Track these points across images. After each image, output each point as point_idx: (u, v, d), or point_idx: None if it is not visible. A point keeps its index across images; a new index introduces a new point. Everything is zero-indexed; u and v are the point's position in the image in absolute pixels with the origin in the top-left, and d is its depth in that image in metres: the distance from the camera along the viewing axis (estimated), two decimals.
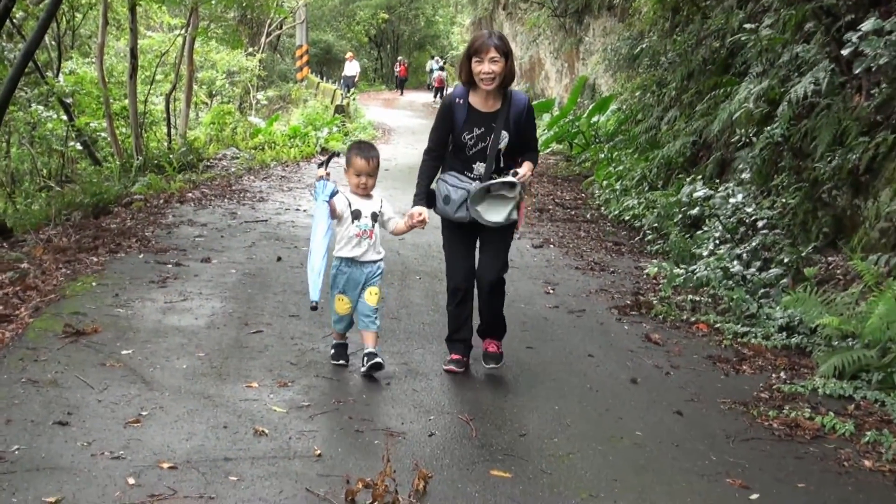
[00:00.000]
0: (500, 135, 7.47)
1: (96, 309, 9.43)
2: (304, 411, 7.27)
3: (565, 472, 6.49)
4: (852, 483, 6.69)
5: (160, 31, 30.30)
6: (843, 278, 10.49)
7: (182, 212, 15.02)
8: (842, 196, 11.52)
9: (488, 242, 7.83)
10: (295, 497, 5.87)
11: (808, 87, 11.90)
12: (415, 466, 6.21)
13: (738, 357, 9.38)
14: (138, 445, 6.41)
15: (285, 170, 21.10)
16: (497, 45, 7.18)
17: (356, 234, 7.62)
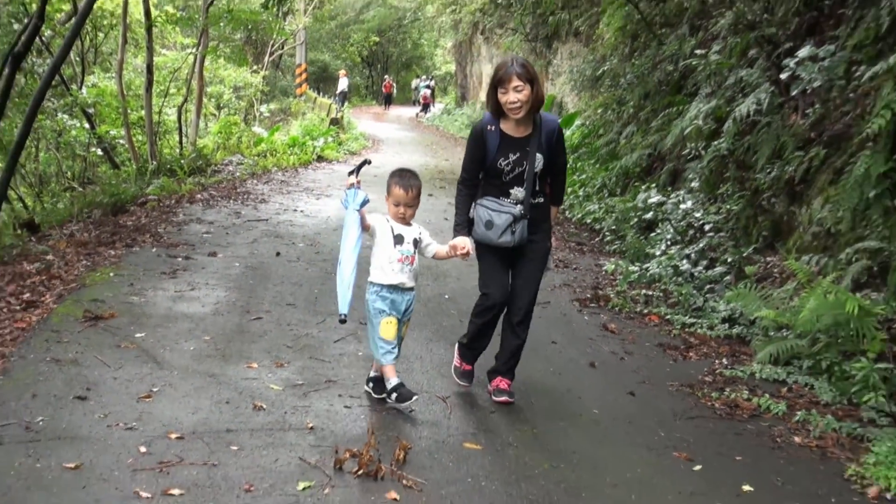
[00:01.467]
0: (536, 158, 6.81)
1: (113, 296, 9.46)
2: (299, 389, 7.30)
3: (530, 445, 6.54)
4: (784, 456, 6.76)
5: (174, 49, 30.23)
6: (779, 276, 10.53)
7: (191, 211, 15.02)
8: (779, 203, 11.56)
9: (524, 268, 7.11)
10: (289, 465, 5.91)
11: (750, 106, 11.95)
12: (396, 439, 6.25)
13: (685, 345, 9.43)
14: (149, 418, 6.46)
15: (285, 175, 21.10)
16: (520, 73, 6.55)
17: (398, 260, 6.82)
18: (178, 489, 5.44)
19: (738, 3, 13.97)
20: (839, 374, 8.11)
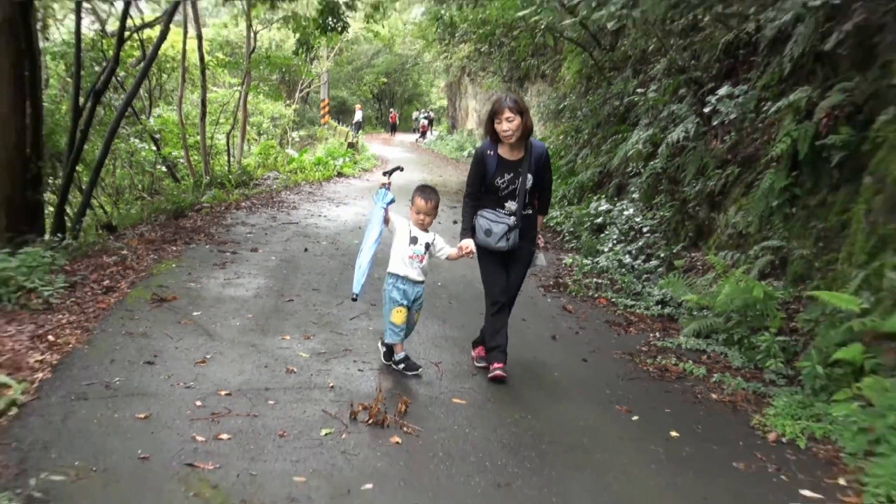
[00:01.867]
0: (527, 177, 6.78)
1: (175, 283, 9.47)
2: (322, 356, 7.33)
3: (505, 400, 6.58)
4: (703, 409, 6.80)
5: (223, 87, 30.23)
6: (702, 268, 10.58)
7: (237, 216, 15.02)
8: (702, 211, 11.61)
9: (514, 270, 7.05)
10: (314, 415, 5.95)
11: (680, 134, 12.00)
12: (399, 395, 6.30)
13: (626, 322, 9.46)
14: (204, 379, 6.50)
15: (311, 187, 21.08)
16: (511, 107, 6.53)
17: (409, 256, 6.80)
18: (226, 434, 5.48)
19: (670, 51, 14.00)
20: (747, 345, 8.16)
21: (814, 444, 6.15)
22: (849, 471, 5.72)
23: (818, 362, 7.00)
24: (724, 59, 12.76)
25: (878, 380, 6.36)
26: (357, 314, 8.77)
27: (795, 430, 6.29)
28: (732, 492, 5.35)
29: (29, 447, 5.08)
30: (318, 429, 5.72)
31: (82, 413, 5.65)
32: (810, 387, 6.98)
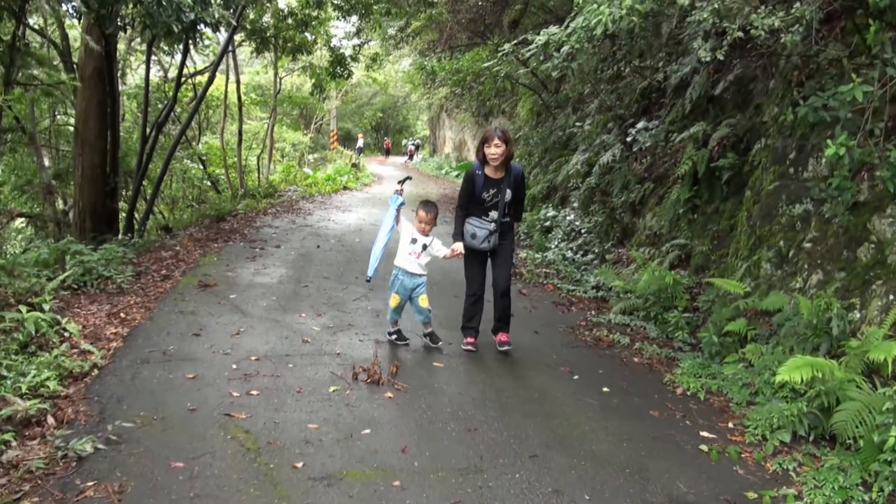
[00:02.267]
0: (506, 193, 6.70)
1: (216, 272, 9.43)
2: (330, 330, 7.32)
3: (473, 365, 6.58)
4: (627, 370, 6.84)
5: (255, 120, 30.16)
6: (626, 261, 10.61)
7: (265, 220, 14.97)
8: (626, 216, 11.65)
9: (498, 262, 6.90)
10: (325, 376, 5.96)
11: (609, 157, 12.03)
12: (391, 360, 6.32)
13: (569, 303, 9.46)
14: (238, 347, 6.50)
15: (323, 198, 21.00)
16: (499, 136, 6.52)
17: (409, 253, 6.79)
18: (255, 391, 5.51)
19: (601, 94, 14.04)
20: (661, 320, 8.20)
21: (710, 396, 6.20)
22: (736, 416, 5.77)
23: (714, 333, 7.06)
24: (640, 101, 12.82)
25: (757, 346, 6.43)
26: (359, 297, 8.75)
27: (697, 386, 6.34)
28: (649, 433, 5.39)
29: (107, 400, 5.15)
30: (327, 386, 5.73)
31: (146, 374, 5.70)
32: (708, 352, 7.04)
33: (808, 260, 6.71)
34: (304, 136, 37.06)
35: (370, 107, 56.94)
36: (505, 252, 6.92)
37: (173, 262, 9.96)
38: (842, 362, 5.36)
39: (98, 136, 12.01)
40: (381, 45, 24.78)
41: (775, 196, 7.46)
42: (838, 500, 4.42)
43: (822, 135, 6.62)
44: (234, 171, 22.37)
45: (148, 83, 15.09)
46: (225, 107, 22.37)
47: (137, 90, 19.27)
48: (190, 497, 3.96)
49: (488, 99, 25.50)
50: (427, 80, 22.18)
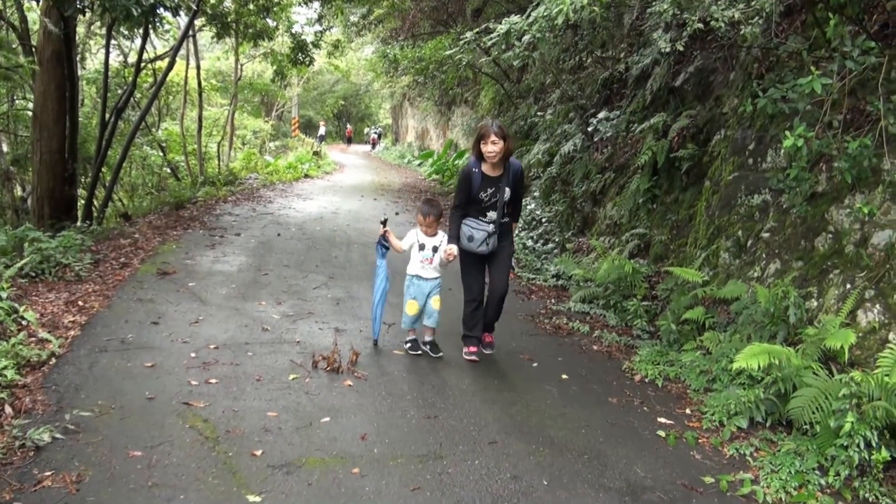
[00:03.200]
0: (505, 191, 6.22)
1: (175, 260, 9.31)
2: (290, 318, 7.26)
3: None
4: (587, 358, 6.86)
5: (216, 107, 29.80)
6: (586, 250, 10.65)
7: (225, 208, 14.81)
8: (587, 206, 11.69)
9: (497, 265, 6.45)
10: (284, 364, 5.92)
11: (570, 147, 12.06)
12: (351, 348, 6.25)
13: (529, 291, 9.47)
14: (197, 335, 6.44)
15: (284, 186, 20.83)
16: (496, 132, 6.02)
17: (420, 260, 6.36)
18: (214, 379, 5.46)
19: (563, 84, 14.05)
20: (620, 308, 8.24)
21: (668, 383, 6.24)
22: (693, 403, 5.82)
23: (672, 321, 7.10)
24: (602, 91, 12.85)
25: (715, 334, 6.48)
26: (319, 285, 8.68)
27: (655, 373, 6.38)
28: (607, 419, 5.41)
29: (65, 389, 5.10)
30: (286, 375, 5.69)
31: (104, 362, 5.63)
32: (666, 340, 7.08)
33: (766, 249, 6.78)
34: (266, 123, 36.69)
35: (332, 94, 56.57)
36: (504, 255, 6.50)
37: (132, 249, 9.81)
38: (798, 350, 5.43)
39: (57, 121, 11.82)
40: (344, 32, 24.54)
41: (734, 186, 7.52)
42: (795, 485, 4.47)
43: (781, 126, 6.68)
44: (194, 158, 22.14)
45: (107, 68, 14.84)
46: (185, 93, 22.11)
47: (97, 75, 18.99)
48: (148, 486, 3.91)
49: (451, 88, 25.44)
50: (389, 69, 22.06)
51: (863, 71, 5.56)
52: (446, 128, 31.18)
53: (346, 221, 14.07)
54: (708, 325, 6.83)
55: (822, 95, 5.48)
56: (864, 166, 5.49)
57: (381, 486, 4.10)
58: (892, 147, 5.46)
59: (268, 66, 25.46)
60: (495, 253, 6.43)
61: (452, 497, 4.07)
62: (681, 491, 4.41)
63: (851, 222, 5.90)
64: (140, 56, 15.13)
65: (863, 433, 4.42)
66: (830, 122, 5.75)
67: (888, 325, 5.28)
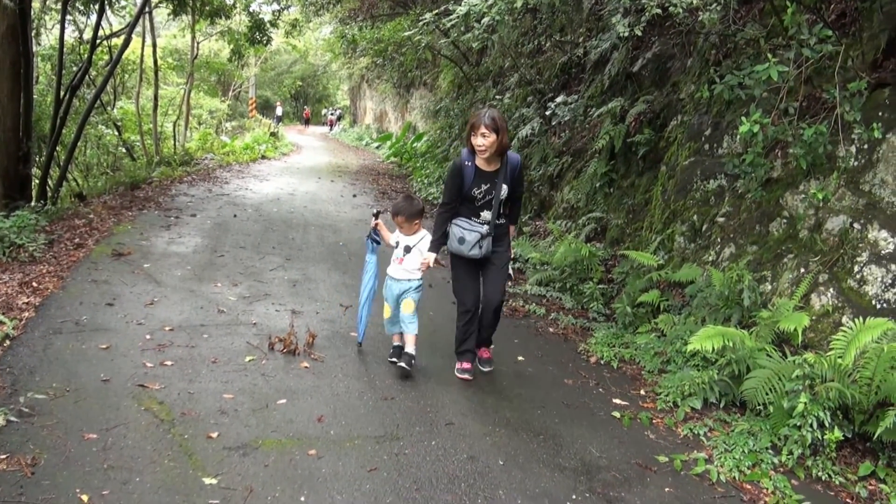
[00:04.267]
0: (502, 188, 5.47)
1: (130, 241, 9.16)
2: (247, 300, 7.18)
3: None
4: (543, 340, 6.89)
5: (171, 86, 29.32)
6: (543, 233, 10.68)
7: (180, 188, 14.60)
8: (544, 189, 11.72)
9: (491, 273, 5.73)
10: (240, 346, 5.87)
11: (528, 131, 12.06)
12: (307, 330, 6.20)
13: None
14: (152, 317, 6.35)
15: (240, 167, 20.59)
16: (487, 124, 5.26)
17: (393, 259, 5.71)
18: (170, 361, 5.39)
19: (521, 68, 14.05)
20: (576, 291, 8.27)
21: (623, 365, 6.29)
22: (648, 384, 5.88)
23: (627, 304, 7.15)
24: (560, 76, 12.88)
25: (669, 316, 6.55)
26: (275, 267, 8.60)
27: (610, 355, 6.43)
28: (563, 400, 5.45)
29: (19, 372, 5.02)
30: (243, 357, 5.64)
31: (59, 344, 5.55)
32: (622, 322, 7.13)
33: (721, 234, 6.85)
34: (222, 103, 36.17)
35: (290, 75, 56.01)
36: (500, 261, 5.76)
37: (87, 230, 9.62)
38: (752, 332, 5.50)
39: (11, 98, 11.51)
40: (302, 11, 24.25)
41: (690, 171, 7.58)
42: (748, 464, 4.54)
43: (738, 112, 6.75)
44: (150, 138, 21.78)
45: (63, 44, 14.46)
46: (141, 71, 21.68)
47: (52, 51, 18.53)
48: (104, 468, 3.85)
49: (410, 70, 25.33)
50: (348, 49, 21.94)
51: (819, 59, 5.63)
52: (405, 110, 31.07)
53: (303, 203, 13.95)
54: (663, 307, 6.89)
55: (779, 82, 5.53)
56: (819, 153, 5.56)
57: (338, 468, 4.08)
58: (847, 134, 5.54)
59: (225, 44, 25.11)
60: (490, 259, 5.71)
61: (409, 477, 4.07)
62: (635, 470, 4.45)
63: (806, 208, 5.98)
64: (95, 32, 14.77)
65: (816, 413, 4.51)
66: (786, 109, 5.81)
67: (841, 308, 5.38)
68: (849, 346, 4.73)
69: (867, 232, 5.45)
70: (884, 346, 4.62)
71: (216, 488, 3.77)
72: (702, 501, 4.16)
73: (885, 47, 5.94)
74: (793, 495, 4.22)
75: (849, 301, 5.36)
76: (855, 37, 6.11)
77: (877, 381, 4.62)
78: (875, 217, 5.45)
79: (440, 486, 4.01)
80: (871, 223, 5.46)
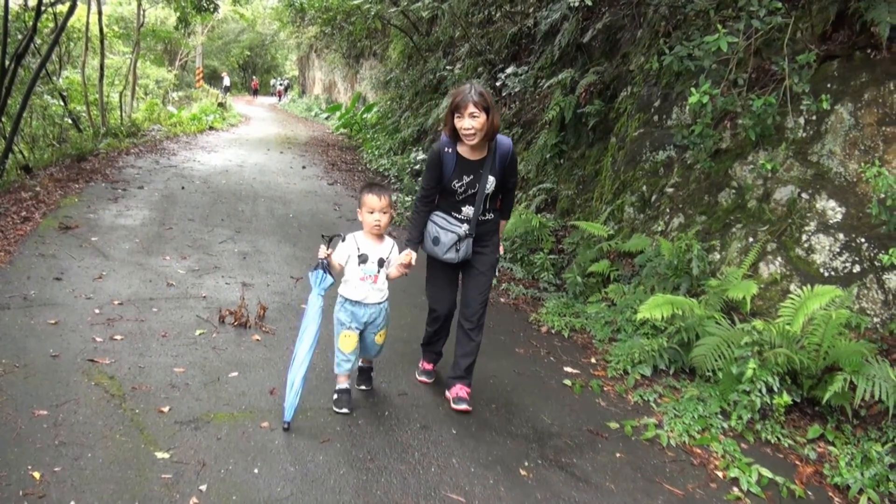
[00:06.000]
0: (488, 181, 4.53)
1: (78, 214, 8.96)
2: (196, 273, 7.08)
3: None
4: (494, 310, 6.88)
5: (118, 55, 28.64)
6: None
7: (127, 160, 14.31)
8: None
9: (471, 279, 4.77)
10: (190, 320, 5.79)
11: None
12: (258, 302, 6.13)
13: None
14: (101, 291, 6.23)
15: (188, 138, 20.24)
16: (476, 101, 4.31)
17: (360, 278, 4.42)
18: (119, 335, 5.30)
19: (472, 38, 13.98)
20: (527, 262, 8.31)
21: (574, 334, 6.35)
22: (598, 352, 5.94)
23: (578, 274, 7.20)
24: (511, 46, 12.84)
25: (619, 286, 6.61)
26: (224, 239, 8.49)
27: (561, 324, 6.48)
28: (514, 369, 5.49)
29: None
30: (193, 330, 5.56)
31: (6, 320, 5.42)
32: (572, 292, 7.19)
33: (670, 204, 6.92)
34: (169, 72, 35.42)
35: (237, 44, 55.06)
36: (484, 265, 4.79)
37: (33, 203, 9.38)
38: (701, 300, 5.58)
39: None
40: None
41: (639, 142, 7.63)
42: (698, 428, 4.63)
43: (687, 84, 6.79)
44: (96, 109, 21.28)
45: (7, 11, 14.01)
46: (86, 39, 21.13)
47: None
48: (55, 445, 3.78)
49: (359, 40, 25.09)
50: (296, 18, 21.66)
51: (769, 31, 5.69)
52: (354, 80, 30.77)
53: (252, 175, 13.76)
54: (613, 277, 6.96)
55: (728, 54, 5.58)
56: (767, 124, 5.64)
57: (291, 439, 4.06)
58: (796, 106, 5.62)
59: (171, 12, 24.60)
60: (471, 260, 4.77)
61: (363, 447, 4.07)
62: (586, 436, 4.51)
63: (754, 178, 6.06)
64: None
65: (764, 379, 4.60)
66: (736, 81, 5.86)
67: (789, 276, 5.48)
68: (797, 313, 4.83)
69: (815, 202, 5.55)
70: (832, 312, 4.73)
71: (168, 462, 3.72)
72: (652, 466, 4.24)
73: (833, 20, 6.01)
74: (742, 458, 4.31)
75: (797, 269, 5.47)
76: (804, 9, 6.18)
77: (825, 347, 4.74)
78: (823, 187, 5.55)
79: (393, 456, 4.01)
80: (819, 193, 5.56)
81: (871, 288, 5.06)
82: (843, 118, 5.54)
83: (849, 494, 4.07)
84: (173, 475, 3.61)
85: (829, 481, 4.19)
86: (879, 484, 4.08)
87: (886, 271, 4.96)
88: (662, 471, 4.20)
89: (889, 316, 4.93)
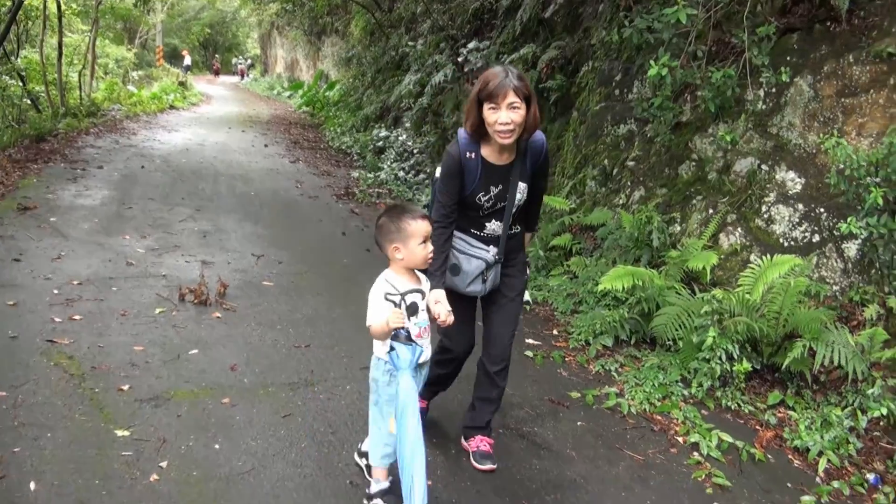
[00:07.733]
0: (518, 188, 3.48)
1: (36, 195, 8.84)
2: (156, 252, 7.02)
3: (304, 281, 6.52)
4: None
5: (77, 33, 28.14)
6: None
7: (87, 140, 14.10)
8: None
9: (499, 310, 3.72)
10: (150, 298, 5.75)
11: (441, 78, 11.99)
12: (219, 280, 6.08)
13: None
14: (60, 272, 6.17)
15: (148, 118, 20.00)
16: (517, 87, 3.18)
17: (417, 335, 3.14)
18: (78, 315, 5.25)
19: (434, 14, 13.92)
20: None
21: (537, 307, 6.39)
22: (560, 324, 5.99)
23: (541, 248, 7.23)
24: (473, 22, 12.80)
25: (581, 259, 6.66)
26: (185, 218, 8.42)
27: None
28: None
29: None
30: (153, 309, 5.52)
31: None
32: (535, 265, 7.22)
33: (631, 177, 6.96)
34: (129, 51, 34.84)
35: (198, 22, 54.22)
36: (513, 290, 3.76)
37: None
38: (662, 271, 5.65)
39: None
40: None
41: (601, 117, 7.66)
42: (658, 396, 4.69)
43: (648, 57, 6.79)
44: (55, 89, 20.91)
45: None
46: (45, 17, 20.74)
47: None
48: (15, 426, 3.74)
49: (320, 16, 24.85)
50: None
51: (728, 3, 5.72)
52: (316, 58, 30.52)
53: (213, 153, 13.63)
54: (575, 250, 7.00)
55: (688, 26, 5.60)
56: (727, 96, 5.68)
57: (252, 415, 4.05)
58: (756, 78, 5.66)
59: None
60: (498, 290, 3.74)
61: (324, 421, 4.07)
62: (548, 406, 4.55)
63: (714, 150, 6.12)
64: None
65: (724, 346, 4.67)
66: (695, 53, 5.89)
67: (749, 247, 5.55)
68: (757, 282, 4.91)
69: (775, 173, 5.61)
70: (791, 281, 4.79)
71: (129, 440, 3.70)
72: (613, 433, 4.29)
73: None
74: (703, 424, 4.37)
75: (756, 240, 5.54)
76: None
77: (784, 315, 4.81)
78: (783, 159, 5.61)
79: (355, 429, 4.02)
80: (778, 164, 5.62)
81: (831, 257, 5.14)
82: (802, 90, 5.60)
83: (808, 457, 4.14)
84: (133, 452, 3.59)
85: (789, 444, 4.27)
86: (839, 446, 4.16)
87: (845, 240, 5.03)
88: (623, 438, 4.25)
89: (848, 283, 5.01)
